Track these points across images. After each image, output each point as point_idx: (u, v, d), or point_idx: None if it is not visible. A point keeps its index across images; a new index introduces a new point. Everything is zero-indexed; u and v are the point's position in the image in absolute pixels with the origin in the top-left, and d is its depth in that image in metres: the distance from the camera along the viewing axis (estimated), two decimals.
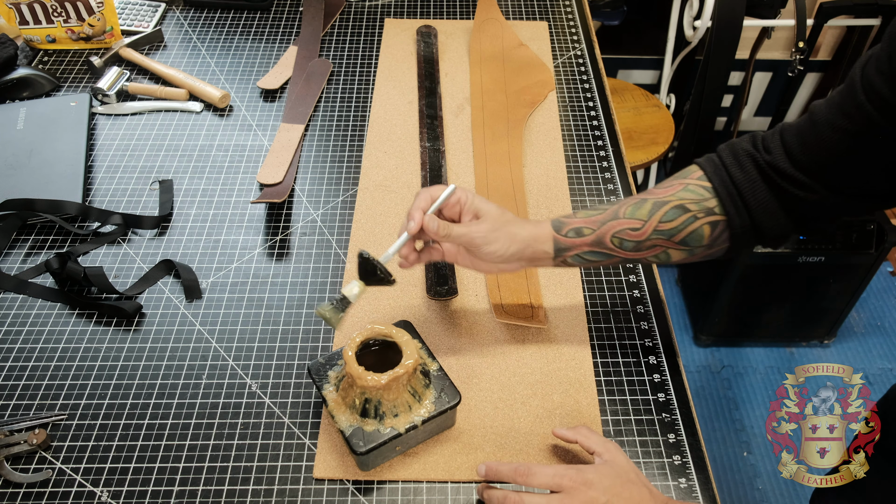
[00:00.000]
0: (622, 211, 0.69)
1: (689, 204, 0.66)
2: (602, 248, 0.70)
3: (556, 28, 1.28)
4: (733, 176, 0.65)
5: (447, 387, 0.68)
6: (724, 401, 1.82)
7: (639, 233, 0.68)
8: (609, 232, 0.69)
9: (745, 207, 0.65)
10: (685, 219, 0.66)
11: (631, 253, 0.70)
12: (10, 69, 1.11)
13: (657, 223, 0.67)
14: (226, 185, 0.98)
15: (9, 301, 0.84)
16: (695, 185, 0.67)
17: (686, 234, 0.67)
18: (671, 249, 0.69)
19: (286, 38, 1.25)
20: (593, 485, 0.60)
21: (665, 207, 0.67)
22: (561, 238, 0.70)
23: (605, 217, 0.70)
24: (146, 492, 0.67)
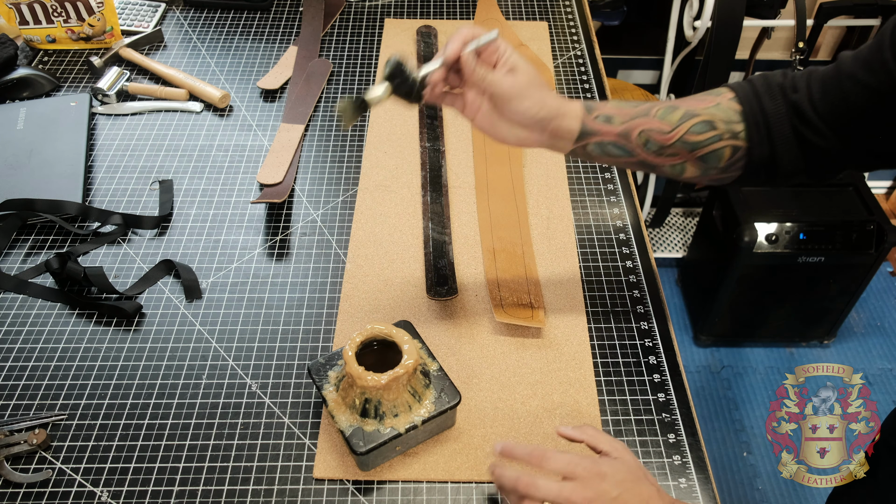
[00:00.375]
0: (654, 111, 0.68)
1: (718, 122, 0.66)
2: (626, 143, 0.68)
3: (556, 28, 1.28)
4: (764, 106, 0.65)
5: (447, 387, 0.68)
6: (724, 401, 1.82)
7: (666, 136, 0.67)
8: (638, 127, 0.67)
9: (769, 139, 0.65)
10: (711, 136, 0.66)
11: (652, 156, 0.68)
12: (10, 69, 1.11)
13: (685, 132, 0.66)
14: (226, 185, 0.98)
15: (9, 301, 0.84)
16: (726, 105, 0.67)
17: (707, 152, 0.67)
18: (689, 163, 0.68)
19: (286, 38, 1.25)
20: (606, 477, 0.59)
21: (695, 119, 0.66)
22: (590, 120, 0.68)
23: (636, 112, 0.68)
24: (146, 492, 0.67)
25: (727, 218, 1.69)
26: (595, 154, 0.70)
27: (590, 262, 0.89)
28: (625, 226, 0.93)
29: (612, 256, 0.90)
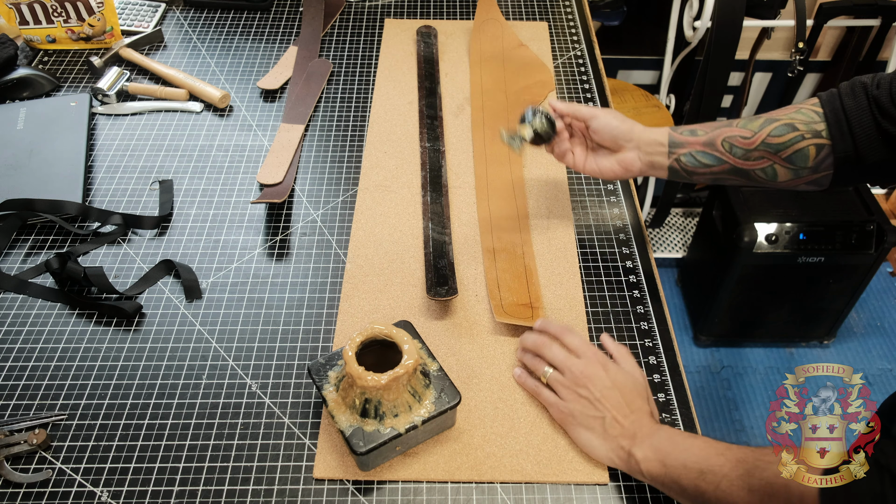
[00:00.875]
0: (736, 122, 0.75)
1: (799, 124, 0.71)
2: (713, 150, 0.76)
3: (556, 28, 1.28)
4: (845, 103, 0.69)
5: (447, 387, 0.68)
6: (724, 401, 1.82)
7: (748, 141, 0.73)
8: (721, 136, 0.75)
9: (850, 133, 0.68)
10: (792, 136, 0.71)
11: (740, 161, 0.75)
12: (10, 69, 1.11)
13: (766, 136, 0.72)
14: (226, 185, 0.98)
15: (9, 301, 0.84)
16: (808, 109, 0.72)
17: (792, 152, 0.72)
18: (777, 165, 0.73)
19: (286, 38, 1.25)
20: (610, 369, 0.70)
21: (775, 123, 0.72)
22: (675, 134, 0.78)
23: (719, 124, 0.76)
24: (146, 492, 0.67)
25: (727, 218, 1.69)
26: (690, 165, 0.78)
27: (590, 262, 0.89)
28: (625, 226, 0.94)
29: (612, 256, 0.90)
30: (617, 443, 0.67)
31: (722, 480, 0.58)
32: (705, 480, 0.59)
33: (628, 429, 0.67)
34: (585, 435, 0.69)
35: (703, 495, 0.59)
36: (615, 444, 0.67)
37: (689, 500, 0.61)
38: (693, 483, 0.60)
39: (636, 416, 0.67)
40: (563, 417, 0.70)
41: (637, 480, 0.69)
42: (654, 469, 0.63)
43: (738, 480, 0.56)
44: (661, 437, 0.65)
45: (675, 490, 0.62)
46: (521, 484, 0.68)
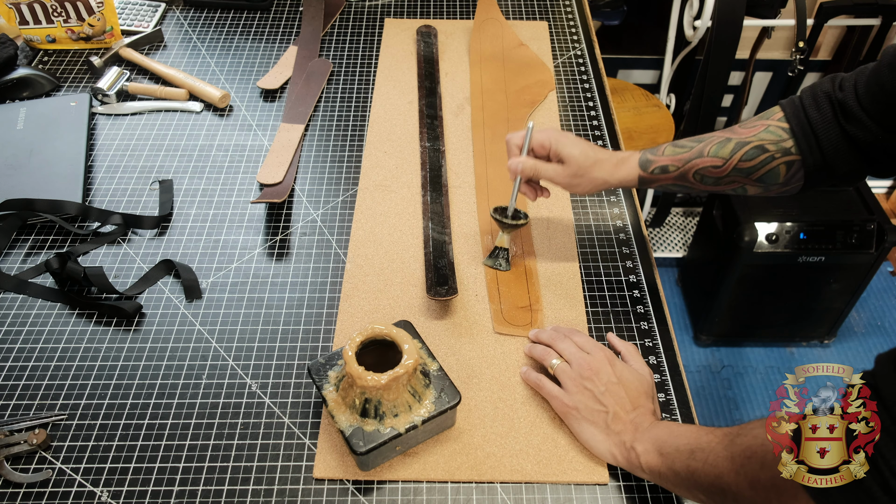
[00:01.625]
0: (707, 149, 0.75)
1: (768, 144, 0.72)
2: (684, 182, 0.77)
3: (556, 28, 1.28)
4: (810, 116, 0.69)
5: (447, 387, 0.68)
6: (724, 401, 1.82)
7: (719, 170, 0.74)
8: (692, 169, 0.76)
9: (818, 147, 0.69)
10: (763, 158, 0.72)
11: (711, 186, 0.76)
12: (10, 69, 1.11)
13: (737, 162, 0.73)
14: (226, 185, 0.98)
15: (9, 301, 0.84)
16: (775, 127, 0.72)
17: (763, 173, 0.73)
18: (748, 185, 0.75)
19: (286, 38, 1.25)
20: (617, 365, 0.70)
21: (746, 147, 0.73)
22: (646, 175, 0.78)
23: (689, 155, 0.76)
24: (146, 492, 0.67)
25: (727, 218, 1.69)
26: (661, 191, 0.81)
27: (590, 262, 0.89)
28: (625, 226, 0.93)
29: (612, 256, 0.90)
30: (619, 438, 0.67)
31: (709, 455, 0.58)
32: (695, 458, 0.59)
33: (630, 425, 0.67)
34: (588, 430, 0.69)
35: (694, 474, 0.59)
36: (617, 440, 0.67)
37: (683, 485, 0.61)
38: (685, 464, 0.60)
39: (638, 413, 0.68)
40: (567, 410, 0.70)
41: (637, 480, 0.69)
42: (652, 461, 0.63)
43: (723, 451, 0.57)
44: (659, 428, 0.65)
45: (671, 479, 0.62)
46: (521, 484, 0.68)
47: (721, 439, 0.58)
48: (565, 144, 0.78)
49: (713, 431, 0.60)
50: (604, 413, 0.68)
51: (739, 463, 0.55)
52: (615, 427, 0.67)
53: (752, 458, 0.54)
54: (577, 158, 0.78)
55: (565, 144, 0.78)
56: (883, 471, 0.46)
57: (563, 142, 0.78)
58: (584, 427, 0.69)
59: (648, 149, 0.79)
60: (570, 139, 0.79)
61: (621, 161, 0.79)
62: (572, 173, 0.78)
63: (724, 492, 0.56)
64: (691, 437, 0.61)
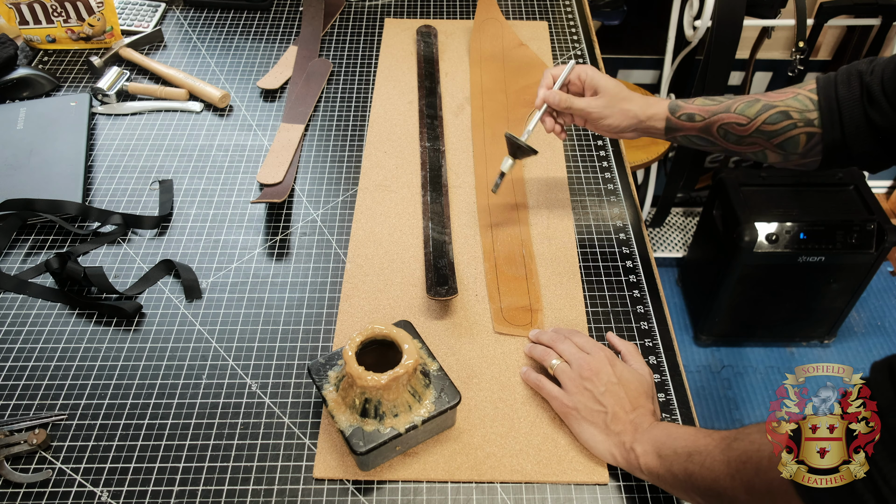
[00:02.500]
0: (735, 106, 0.76)
1: (793, 112, 0.73)
2: (708, 135, 0.78)
3: (556, 28, 1.28)
4: (839, 93, 0.70)
5: (447, 387, 0.68)
6: (724, 401, 1.82)
7: (743, 128, 0.75)
8: (717, 122, 0.77)
9: (840, 123, 0.70)
10: (786, 124, 0.73)
11: (733, 145, 0.77)
12: (10, 69, 1.11)
13: (761, 123, 0.74)
14: (226, 185, 0.98)
15: (9, 301, 0.84)
16: (804, 96, 0.73)
17: (784, 139, 0.74)
18: (768, 150, 0.76)
19: (286, 38, 1.25)
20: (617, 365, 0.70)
21: (772, 111, 0.74)
22: (674, 119, 0.80)
23: (717, 108, 0.77)
24: (146, 492, 0.67)
25: (727, 218, 1.69)
26: (683, 142, 0.83)
27: (590, 263, 0.89)
28: (625, 226, 0.93)
29: (612, 256, 0.90)
30: (619, 439, 0.67)
31: (706, 459, 0.58)
32: (692, 461, 0.59)
33: (630, 425, 0.67)
34: (588, 430, 0.69)
35: (692, 477, 0.59)
36: (617, 440, 0.67)
37: (681, 487, 0.61)
38: (682, 467, 0.60)
39: (638, 413, 0.67)
40: (566, 411, 0.70)
41: (637, 480, 0.69)
42: (650, 462, 0.63)
43: (720, 455, 0.57)
44: (658, 430, 0.65)
45: (669, 481, 0.62)
46: (521, 484, 0.68)
47: (718, 443, 0.58)
48: (601, 77, 0.82)
49: (711, 434, 0.60)
50: (603, 413, 0.68)
51: (735, 467, 0.55)
52: (615, 427, 0.67)
53: (747, 462, 0.54)
54: (611, 90, 0.81)
55: (601, 77, 0.82)
56: (875, 478, 0.46)
57: (599, 75, 0.82)
58: (584, 427, 0.69)
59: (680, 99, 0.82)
60: (605, 76, 0.83)
61: (652, 102, 0.82)
62: (605, 104, 0.81)
63: (721, 496, 0.56)
64: (689, 439, 0.61)
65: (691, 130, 0.79)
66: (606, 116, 0.82)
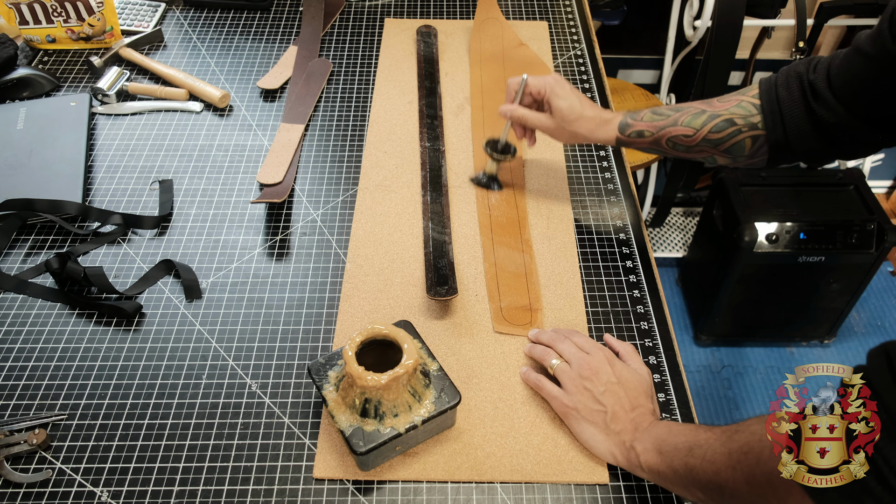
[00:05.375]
0: (682, 119, 0.80)
1: (737, 119, 0.77)
2: (657, 147, 0.83)
3: (556, 28, 1.28)
4: (779, 95, 0.74)
5: (447, 387, 0.68)
6: (724, 401, 1.82)
7: (690, 139, 0.80)
8: (665, 136, 0.81)
9: (782, 124, 0.73)
10: (731, 131, 0.77)
11: (683, 153, 0.82)
12: (10, 69, 1.11)
13: (707, 133, 0.78)
14: (226, 185, 0.98)
15: (9, 301, 0.84)
16: (747, 102, 0.77)
17: (730, 145, 0.78)
18: (717, 155, 0.80)
19: (286, 38, 1.25)
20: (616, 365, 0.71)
21: (716, 120, 0.78)
22: (623, 138, 0.84)
23: (665, 123, 0.81)
24: (146, 492, 0.67)
25: (727, 218, 1.69)
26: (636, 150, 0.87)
27: (590, 262, 0.89)
28: (625, 226, 0.93)
29: (612, 256, 0.90)
30: (619, 438, 0.67)
31: (707, 451, 0.58)
32: (693, 455, 0.59)
33: (630, 424, 0.67)
34: (588, 430, 0.69)
35: (692, 471, 0.59)
36: (617, 440, 0.67)
37: (681, 483, 0.61)
38: (683, 461, 0.60)
39: (638, 413, 0.68)
40: (566, 411, 0.70)
41: (637, 480, 0.69)
42: (651, 460, 0.63)
43: (721, 448, 0.57)
44: (658, 428, 0.65)
45: (670, 477, 0.62)
46: (521, 484, 0.68)
47: (719, 436, 0.58)
48: (557, 96, 0.85)
49: (712, 429, 0.60)
50: (603, 413, 0.68)
51: (736, 459, 0.55)
52: (615, 427, 0.67)
53: (748, 454, 0.54)
54: (563, 112, 0.85)
55: (557, 96, 0.85)
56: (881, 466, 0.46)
57: (557, 92, 0.85)
58: (584, 427, 0.69)
59: (630, 112, 0.85)
60: (563, 90, 0.85)
61: (604, 122, 0.85)
62: (555, 125, 0.86)
63: (722, 488, 0.56)
64: (690, 434, 0.62)
65: (641, 145, 0.83)
66: (557, 136, 0.87)
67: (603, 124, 0.85)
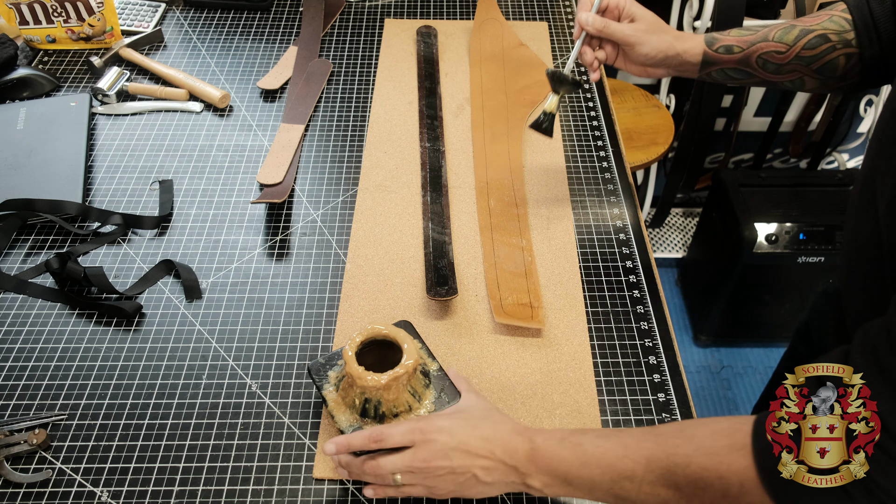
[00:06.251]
0: (772, 34, 0.76)
1: (832, 34, 0.73)
2: (746, 67, 0.77)
3: (556, 28, 1.28)
4: (873, 10, 0.71)
5: (447, 387, 0.68)
6: (724, 401, 1.82)
7: (783, 56, 0.75)
8: (756, 52, 0.76)
9: (878, 40, 0.70)
10: (825, 48, 0.73)
11: (771, 75, 0.77)
12: (10, 69, 1.11)
13: (800, 49, 0.74)
14: (226, 185, 0.98)
15: (9, 301, 0.84)
16: (839, 17, 0.73)
17: (823, 63, 0.74)
18: (807, 76, 0.76)
19: (286, 38, 1.25)
20: (444, 430, 0.60)
21: (810, 35, 0.74)
22: (711, 53, 0.78)
23: (755, 38, 0.76)
24: (146, 492, 0.67)
25: (727, 218, 1.69)
26: (719, 78, 0.81)
27: (590, 262, 0.89)
28: (625, 226, 0.94)
29: (612, 256, 0.90)
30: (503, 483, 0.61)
31: (641, 485, 0.55)
32: (622, 487, 0.56)
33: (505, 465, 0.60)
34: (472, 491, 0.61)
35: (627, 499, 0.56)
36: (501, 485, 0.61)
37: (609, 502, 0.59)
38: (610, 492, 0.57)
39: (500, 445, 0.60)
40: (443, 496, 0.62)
41: None
42: (559, 491, 0.59)
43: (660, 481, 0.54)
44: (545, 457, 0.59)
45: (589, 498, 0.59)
46: None
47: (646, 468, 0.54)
48: (637, 6, 0.81)
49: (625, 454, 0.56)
50: (472, 476, 0.60)
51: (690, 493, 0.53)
52: (491, 477, 0.60)
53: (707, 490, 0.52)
54: (648, 17, 0.80)
55: (637, 6, 0.81)
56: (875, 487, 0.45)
57: (636, 4, 0.81)
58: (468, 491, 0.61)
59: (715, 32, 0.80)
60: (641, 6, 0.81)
61: (687, 37, 0.80)
62: (644, 29, 0.80)
63: None
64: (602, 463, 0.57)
65: (729, 63, 0.78)
66: (643, 43, 0.79)
67: (688, 38, 0.80)
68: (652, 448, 0.55)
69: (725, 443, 0.52)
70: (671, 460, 0.54)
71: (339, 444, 0.62)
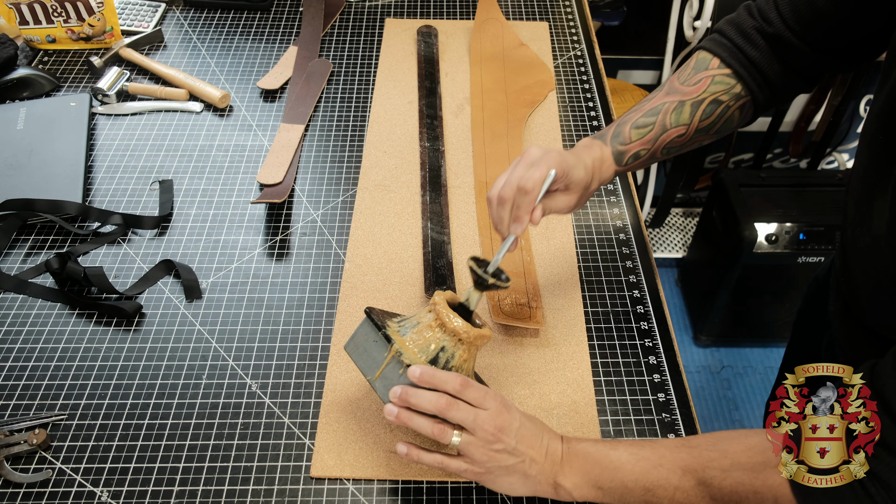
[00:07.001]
0: (668, 121, 0.74)
1: (721, 96, 0.73)
2: (654, 159, 0.77)
3: (556, 28, 1.28)
4: (750, 56, 0.71)
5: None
6: (724, 401, 1.82)
7: (684, 136, 0.75)
8: (660, 146, 0.75)
9: (766, 84, 0.72)
10: (720, 111, 0.73)
11: (675, 152, 0.77)
12: (10, 69, 1.11)
13: (698, 123, 0.74)
14: (226, 185, 0.98)
15: (9, 301, 0.84)
16: (720, 76, 0.73)
17: (721, 124, 0.74)
18: (705, 140, 0.76)
19: (286, 38, 1.25)
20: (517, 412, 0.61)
21: (703, 106, 0.73)
22: (622, 168, 0.76)
23: (654, 134, 0.74)
24: (146, 492, 0.67)
25: (727, 218, 1.69)
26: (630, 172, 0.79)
27: (590, 262, 0.89)
28: (625, 226, 0.93)
29: (612, 256, 0.90)
30: (536, 481, 0.61)
31: (675, 493, 0.56)
32: (655, 496, 0.57)
33: (545, 463, 0.61)
34: (506, 481, 0.62)
35: None
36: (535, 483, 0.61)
37: None
38: (642, 499, 0.58)
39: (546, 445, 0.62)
40: (482, 478, 0.62)
41: None
42: (589, 494, 0.60)
43: (695, 490, 0.55)
44: (578, 458, 0.61)
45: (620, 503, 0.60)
46: None
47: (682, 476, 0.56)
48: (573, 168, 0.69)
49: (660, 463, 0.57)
50: (521, 463, 0.60)
51: None
52: (532, 471, 0.61)
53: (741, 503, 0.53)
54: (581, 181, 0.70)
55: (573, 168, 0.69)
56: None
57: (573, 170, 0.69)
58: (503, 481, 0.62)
59: (610, 135, 0.74)
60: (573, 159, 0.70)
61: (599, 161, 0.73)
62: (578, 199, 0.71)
63: None
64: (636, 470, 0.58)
65: (639, 166, 0.77)
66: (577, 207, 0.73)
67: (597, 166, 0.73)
68: (687, 459, 0.57)
69: (760, 459, 0.54)
70: (707, 473, 0.55)
71: (425, 373, 0.59)
